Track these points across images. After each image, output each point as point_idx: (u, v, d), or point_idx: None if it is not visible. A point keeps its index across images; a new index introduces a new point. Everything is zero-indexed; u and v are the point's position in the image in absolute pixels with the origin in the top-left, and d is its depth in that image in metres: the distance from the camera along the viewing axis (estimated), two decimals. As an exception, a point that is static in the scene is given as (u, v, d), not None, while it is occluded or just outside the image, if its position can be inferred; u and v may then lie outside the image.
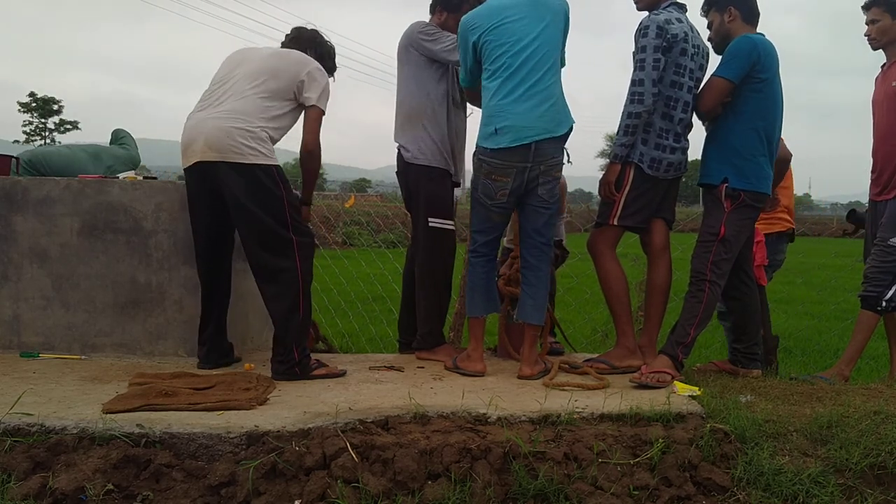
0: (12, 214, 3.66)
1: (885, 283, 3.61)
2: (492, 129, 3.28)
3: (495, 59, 3.30)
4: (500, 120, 3.26)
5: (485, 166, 3.33)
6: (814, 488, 2.37)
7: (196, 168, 3.23)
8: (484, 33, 3.32)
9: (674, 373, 3.20)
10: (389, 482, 2.32)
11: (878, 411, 2.75)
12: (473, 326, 3.52)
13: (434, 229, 3.70)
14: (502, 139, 3.25)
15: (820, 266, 8.92)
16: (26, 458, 2.35)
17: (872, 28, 3.75)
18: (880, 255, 3.64)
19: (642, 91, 3.29)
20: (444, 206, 3.73)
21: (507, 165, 3.27)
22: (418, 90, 3.71)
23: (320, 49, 3.63)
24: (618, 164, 3.42)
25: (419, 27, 3.71)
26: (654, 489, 2.37)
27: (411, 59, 3.73)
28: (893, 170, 3.68)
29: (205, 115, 3.24)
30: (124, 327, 3.61)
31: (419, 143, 3.71)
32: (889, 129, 3.71)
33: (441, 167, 3.72)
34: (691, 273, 3.42)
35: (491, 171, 3.31)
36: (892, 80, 3.70)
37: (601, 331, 6.06)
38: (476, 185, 3.41)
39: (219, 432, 2.43)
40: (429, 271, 3.75)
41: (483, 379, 3.29)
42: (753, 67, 3.35)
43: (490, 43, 3.31)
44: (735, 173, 3.40)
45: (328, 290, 7.15)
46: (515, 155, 3.25)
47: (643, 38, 3.31)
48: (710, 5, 3.56)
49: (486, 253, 3.53)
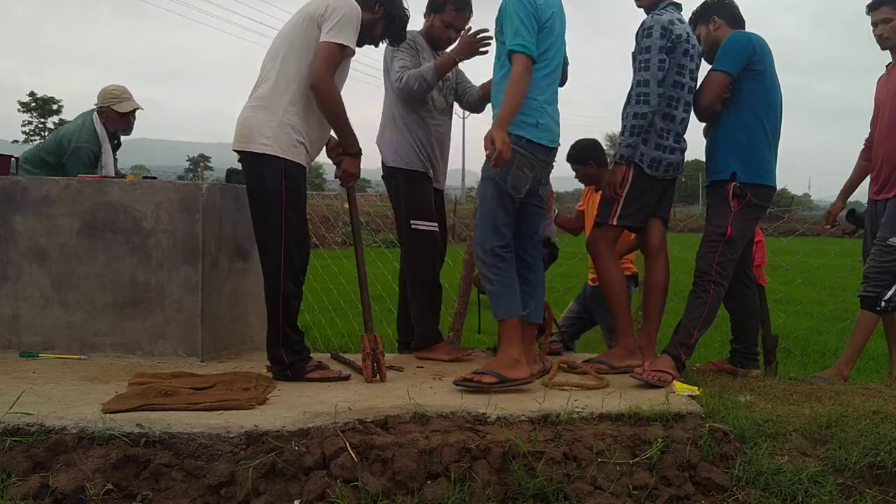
0: (12, 214, 3.66)
1: (884, 282, 3.61)
2: (534, 120, 3.15)
3: (547, 50, 3.16)
4: (540, 115, 3.17)
5: (518, 156, 3.12)
6: (813, 488, 2.38)
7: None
8: (551, 18, 3.14)
9: (675, 373, 3.20)
10: (389, 482, 2.32)
11: (877, 411, 2.75)
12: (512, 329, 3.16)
13: (416, 231, 3.74)
14: (543, 136, 3.18)
15: (820, 266, 8.91)
16: (26, 457, 2.35)
17: (885, 27, 3.74)
18: (879, 255, 3.64)
19: (648, 91, 3.29)
20: (425, 208, 3.76)
21: (537, 161, 3.20)
22: (395, 96, 3.76)
23: (389, 7, 3.31)
24: (623, 164, 3.40)
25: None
26: (654, 489, 2.38)
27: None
28: (892, 168, 3.68)
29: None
30: (124, 327, 3.61)
31: (397, 147, 3.77)
32: (892, 128, 3.72)
33: (419, 170, 3.76)
34: (696, 273, 3.42)
35: (524, 163, 3.15)
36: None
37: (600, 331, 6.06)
38: (505, 177, 3.14)
39: (218, 432, 2.43)
40: (415, 272, 3.80)
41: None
42: (750, 59, 3.38)
43: (549, 29, 3.15)
44: (742, 167, 3.40)
45: (328, 290, 7.15)
46: (548, 154, 3.25)
47: (647, 39, 3.31)
48: (695, 19, 3.61)
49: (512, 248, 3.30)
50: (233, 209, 3.77)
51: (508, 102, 3.02)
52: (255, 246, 3.85)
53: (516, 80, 3.03)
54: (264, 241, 3.21)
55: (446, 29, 3.77)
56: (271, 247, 3.17)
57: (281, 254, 3.15)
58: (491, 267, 3.16)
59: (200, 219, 3.54)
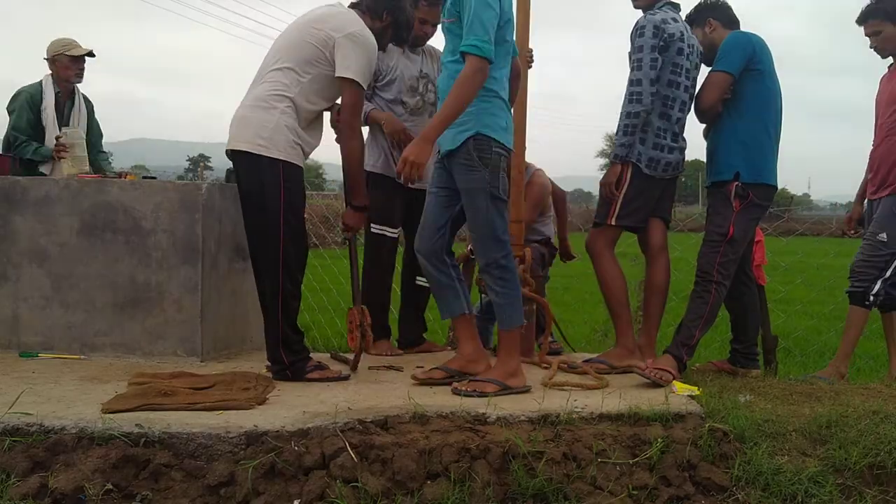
0: (11, 214, 3.66)
1: (870, 277, 3.64)
2: (504, 122, 3.00)
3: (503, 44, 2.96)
4: (508, 116, 3.05)
5: (504, 161, 3.00)
6: (812, 488, 2.38)
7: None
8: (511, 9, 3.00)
9: (676, 373, 3.21)
10: (388, 482, 2.32)
11: (876, 411, 2.75)
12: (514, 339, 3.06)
13: (375, 235, 3.78)
14: (509, 138, 3.06)
15: (819, 266, 8.91)
16: (25, 457, 2.35)
17: (877, 39, 3.76)
18: (868, 250, 3.68)
19: (640, 91, 3.30)
20: (387, 213, 3.77)
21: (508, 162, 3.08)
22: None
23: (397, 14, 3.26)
24: (618, 164, 3.41)
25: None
26: (653, 489, 2.38)
27: None
28: (889, 168, 3.69)
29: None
30: (123, 327, 3.61)
31: (368, 150, 3.73)
32: (887, 130, 3.73)
33: (386, 174, 3.76)
34: (697, 273, 3.42)
35: (506, 163, 3.02)
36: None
37: (600, 330, 6.07)
38: (497, 184, 2.97)
39: (218, 432, 2.43)
40: (366, 272, 3.82)
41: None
42: (750, 59, 3.39)
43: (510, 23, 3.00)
44: (745, 166, 3.40)
45: (327, 289, 7.15)
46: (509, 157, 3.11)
47: (640, 38, 3.32)
48: (690, 23, 3.60)
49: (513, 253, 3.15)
50: (233, 209, 3.77)
51: (452, 107, 2.80)
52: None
53: (468, 83, 2.80)
54: (261, 242, 3.18)
55: (421, 25, 3.76)
56: (269, 247, 3.15)
57: (279, 255, 3.13)
58: (497, 280, 3.00)
59: (200, 219, 3.54)
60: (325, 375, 3.21)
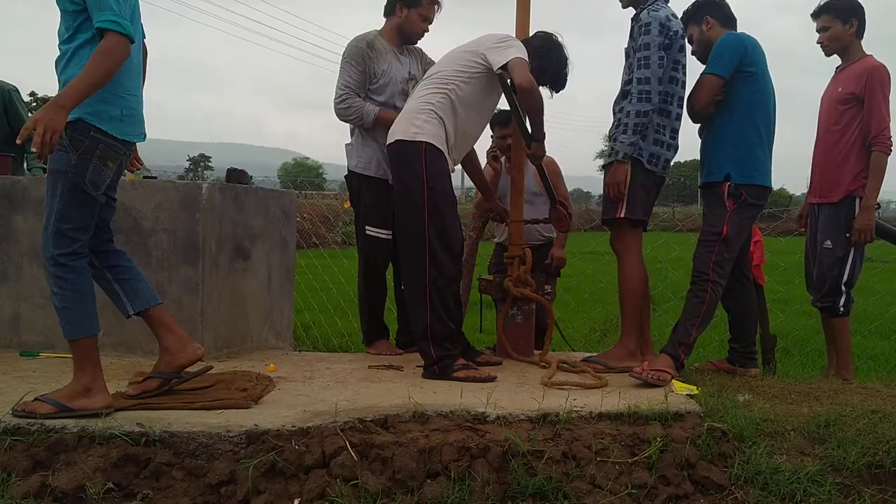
0: (12, 214, 3.67)
1: (832, 286, 3.70)
2: (118, 112, 2.70)
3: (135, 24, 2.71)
4: (126, 104, 2.76)
5: (101, 147, 2.66)
6: (811, 487, 2.38)
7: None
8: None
9: (674, 373, 3.21)
10: (389, 481, 2.33)
11: (875, 410, 2.75)
12: (83, 351, 2.72)
13: (370, 237, 3.81)
14: (128, 131, 2.78)
15: (819, 266, 8.92)
16: (26, 456, 2.36)
17: (824, 35, 3.78)
18: (823, 259, 3.74)
19: (649, 89, 3.29)
20: (382, 216, 3.78)
21: (122, 155, 2.80)
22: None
23: (543, 62, 3.51)
24: (626, 163, 3.38)
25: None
26: (652, 488, 2.38)
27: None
28: (823, 175, 3.75)
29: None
30: (124, 326, 3.61)
31: (360, 153, 3.79)
32: (826, 132, 3.76)
33: (380, 178, 3.77)
34: (693, 273, 3.42)
35: (107, 155, 2.70)
36: (840, 86, 3.73)
37: (599, 330, 6.08)
38: (83, 171, 2.63)
39: (218, 431, 2.44)
40: (362, 273, 3.88)
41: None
42: (742, 61, 3.39)
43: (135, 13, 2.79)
44: (736, 168, 3.41)
45: (328, 289, 7.16)
46: (131, 147, 2.87)
47: (646, 36, 3.30)
48: (687, 20, 3.60)
49: (84, 255, 2.77)
50: (233, 209, 3.78)
51: (87, 80, 2.46)
52: (254, 246, 3.88)
53: (107, 59, 2.48)
54: (409, 232, 3.34)
55: (423, 23, 3.78)
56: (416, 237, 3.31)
57: (425, 244, 3.28)
58: (55, 279, 2.62)
59: (200, 218, 3.55)
60: (470, 375, 3.22)
